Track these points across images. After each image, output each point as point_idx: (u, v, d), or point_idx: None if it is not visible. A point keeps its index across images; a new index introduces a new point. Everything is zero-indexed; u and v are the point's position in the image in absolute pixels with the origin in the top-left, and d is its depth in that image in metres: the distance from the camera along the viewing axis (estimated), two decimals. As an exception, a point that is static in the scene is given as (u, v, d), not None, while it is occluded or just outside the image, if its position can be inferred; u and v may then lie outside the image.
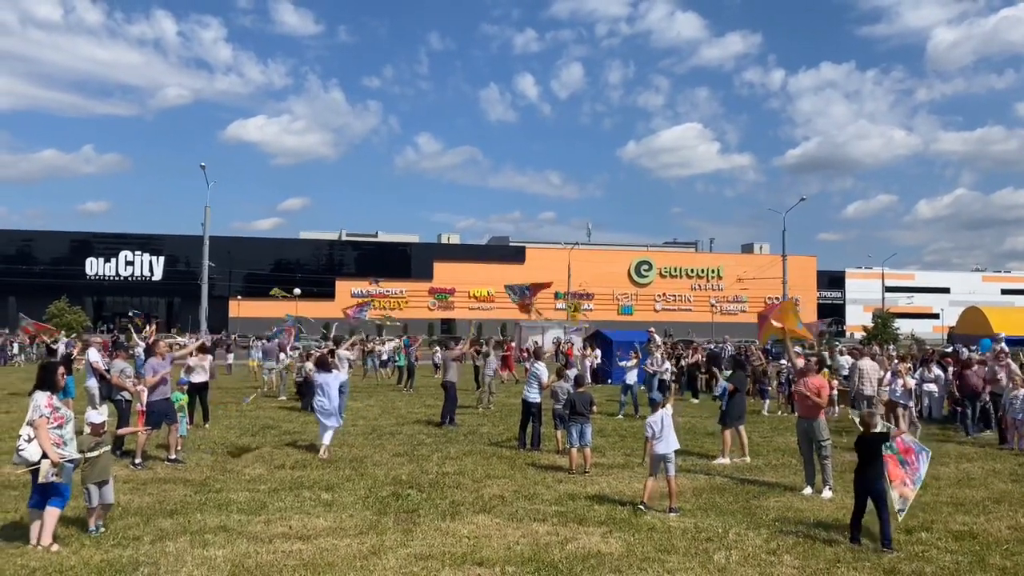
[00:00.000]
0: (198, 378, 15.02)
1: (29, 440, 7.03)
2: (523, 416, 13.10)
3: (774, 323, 12.22)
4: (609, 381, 26.97)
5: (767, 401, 19.40)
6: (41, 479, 6.92)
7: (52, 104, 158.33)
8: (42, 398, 7.24)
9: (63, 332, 38.98)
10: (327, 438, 12.08)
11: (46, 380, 7.40)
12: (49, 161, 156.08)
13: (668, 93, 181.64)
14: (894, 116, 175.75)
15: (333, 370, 12.89)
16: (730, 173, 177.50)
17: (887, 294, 75.73)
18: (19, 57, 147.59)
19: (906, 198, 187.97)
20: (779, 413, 18.75)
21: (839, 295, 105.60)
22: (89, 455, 7.39)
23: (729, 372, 14.73)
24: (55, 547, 6.98)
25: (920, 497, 9.88)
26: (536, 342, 39.24)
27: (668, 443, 8.94)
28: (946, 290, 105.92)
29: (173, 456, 11.32)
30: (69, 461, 7.16)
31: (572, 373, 16.67)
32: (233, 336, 54.80)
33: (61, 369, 7.69)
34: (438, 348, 32.90)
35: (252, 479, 10.31)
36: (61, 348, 25.54)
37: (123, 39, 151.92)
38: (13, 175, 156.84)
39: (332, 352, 16.83)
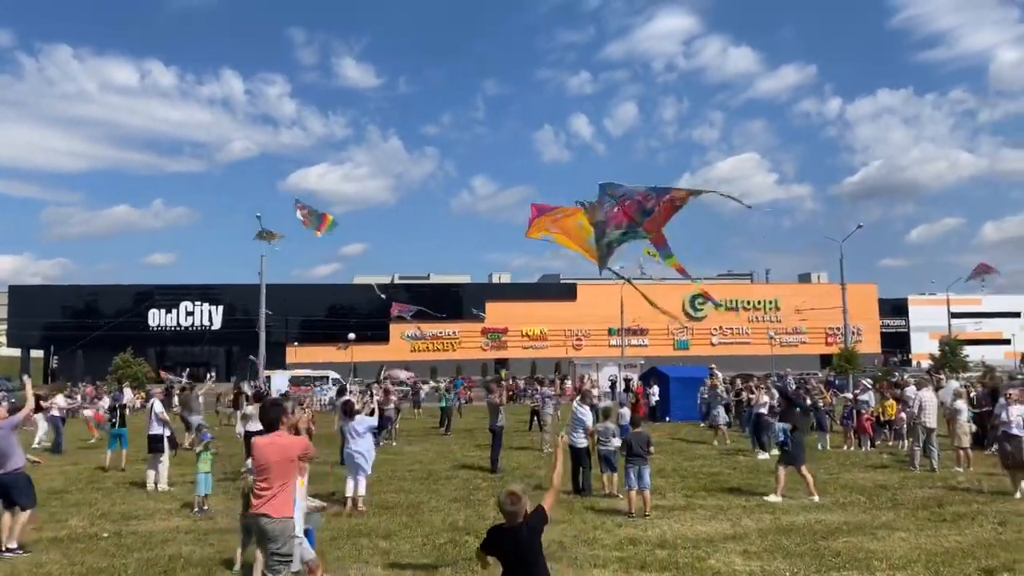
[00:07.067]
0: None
1: None
2: (572, 462, 12.86)
3: (550, 228, 10.40)
4: (667, 419, 26.52)
5: (827, 435, 18.67)
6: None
7: (126, 164, 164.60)
8: None
9: (127, 382, 39.94)
10: (362, 488, 11.52)
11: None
12: (121, 217, 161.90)
13: (723, 127, 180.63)
14: (955, 139, 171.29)
15: (358, 415, 12.09)
16: (787, 203, 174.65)
17: (953, 320, 73.20)
18: (97, 122, 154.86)
19: (972, 221, 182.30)
20: (844, 448, 18.17)
21: (903, 323, 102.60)
22: None
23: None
24: None
25: (1000, 535, 9.43)
26: (589, 379, 38.48)
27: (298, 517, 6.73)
28: (1017, 315, 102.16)
29: (13, 545, 8.91)
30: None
31: (625, 412, 16.42)
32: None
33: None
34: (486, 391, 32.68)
35: (310, 527, 10.31)
36: (126, 396, 26.10)
37: (194, 99, 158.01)
38: (87, 231, 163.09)
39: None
